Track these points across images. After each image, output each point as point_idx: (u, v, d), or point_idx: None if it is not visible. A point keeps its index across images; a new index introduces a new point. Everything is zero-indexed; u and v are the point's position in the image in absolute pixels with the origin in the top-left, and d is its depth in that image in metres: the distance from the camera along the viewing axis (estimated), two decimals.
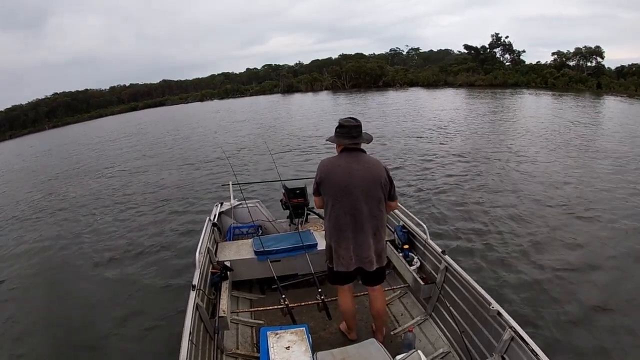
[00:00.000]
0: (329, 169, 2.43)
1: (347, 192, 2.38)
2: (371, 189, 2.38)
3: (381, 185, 2.40)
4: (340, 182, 2.38)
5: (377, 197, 2.41)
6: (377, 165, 2.43)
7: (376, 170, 2.40)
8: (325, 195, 2.47)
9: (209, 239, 3.41)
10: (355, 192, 2.37)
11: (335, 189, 2.40)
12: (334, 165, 2.43)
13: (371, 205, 2.41)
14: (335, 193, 2.41)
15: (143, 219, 7.50)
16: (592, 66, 38.73)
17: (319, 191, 2.50)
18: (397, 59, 66.99)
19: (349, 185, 2.37)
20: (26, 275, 5.71)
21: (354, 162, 2.39)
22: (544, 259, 4.77)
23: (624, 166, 8.79)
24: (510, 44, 46.76)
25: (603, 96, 27.88)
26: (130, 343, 3.74)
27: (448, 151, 11.19)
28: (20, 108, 65.09)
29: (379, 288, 2.68)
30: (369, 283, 2.64)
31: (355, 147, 2.43)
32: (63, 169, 15.13)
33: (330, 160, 2.48)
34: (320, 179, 2.46)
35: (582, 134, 12.93)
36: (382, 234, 2.50)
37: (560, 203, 6.63)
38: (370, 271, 2.50)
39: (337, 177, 2.39)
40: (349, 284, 2.66)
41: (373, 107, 25.96)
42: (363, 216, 2.40)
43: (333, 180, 2.40)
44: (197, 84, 73.92)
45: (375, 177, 2.38)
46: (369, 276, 2.58)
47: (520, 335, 2.02)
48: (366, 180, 2.37)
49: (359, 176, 2.37)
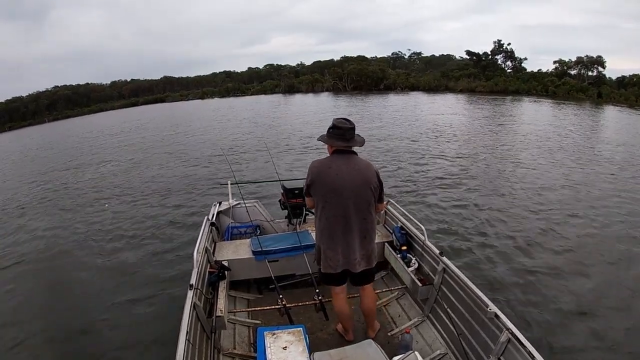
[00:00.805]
0: (319, 170, 2.44)
1: (337, 194, 2.38)
2: (361, 191, 2.40)
3: (371, 188, 2.41)
4: (330, 184, 2.39)
5: (366, 200, 2.42)
6: (368, 168, 2.44)
7: (367, 173, 2.41)
8: (315, 196, 2.48)
9: (207, 239, 3.40)
10: (345, 194, 2.38)
11: (325, 190, 2.41)
12: (324, 167, 2.43)
13: (361, 207, 2.42)
14: (325, 195, 2.42)
15: (140, 218, 7.47)
16: (593, 75, 38.82)
17: (310, 192, 2.51)
18: (399, 63, 67.04)
19: (339, 187, 2.37)
20: (21, 271, 5.69)
21: (344, 165, 2.40)
22: (543, 261, 4.84)
23: (618, 174, 8.88)
24: (512, 51, 46.87)
25: (603, 106, 27.97)
26: (126, 342, 3.73)
27: (447, 154, 11.23)
28: (21, 100, 64.83)
29: (369, 287, 2.71)
30: (357, 284, 2.66)
31: (347, 150, 2.44)
32: (59, 163, 15.12)
33: (321, 161, 2.48)
34: (311, 180, 2.47)
35: (581, 142, 12.98)
36: (372, 236, 2.52)
37: (557, 208, 6.71)
38: (356, 272, 2.52)
39: (328, 178, 2.39)
40: (342, 285, 2.67)
41: (373, 109, 25.98)
42: (352, 219, 2.42)
43: (323, 182, 2.41)
44: (198, 81, 73.72)
45: (365, 180, 2.40)
46: (356, 277, 2.60)
47: (518, 338, 2.03)
48: (356, 183, 2.38)
49: (350, 179, 2.37)
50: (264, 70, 74.24)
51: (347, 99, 36.86)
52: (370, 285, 2.72)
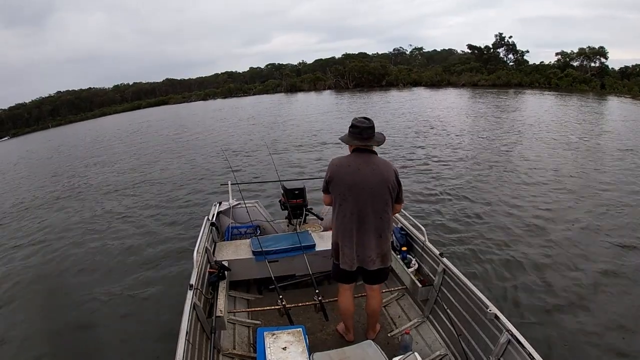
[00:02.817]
0: (338, 168, 2.46)
1: (354, 192, 2.40)
2: (378, 190, 2.39)
3: (389, 187, 2.40)
4: (347, 182, 2.41)
5: (383, 199, 2.42)
6: (386, 167, 2.43)
7: (384, 172, 2.40)
8: (333, 193, 2.51)
9: (207, 239, 3.41)
10: (362, 193, 2.39)
11: (342, 188, 2.43)
12: (342, 165, 2.45)
13: (377, 207, 2.42)
14: (342, 193, 2.44)
15: (140, 217, 7.52)
16: (595, 67, 38.41)
17: (328, 189, 2.53)
18: (401, 59, 66.77)
19: (356, 185, 2.39)
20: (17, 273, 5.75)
21: (362, 163, 2.41)
22: (543, 261, 4.74)
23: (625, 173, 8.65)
24: (513, 44, 46.47)
25: (607, 97, 27.70)
26: (126, 341, 3.75)
27: (448, 152, 11.14)
28: (24, 106, 65.44)
29: (377, 288, 2.70)
30: (370, 282, 2.66)
31: (365, 148, 2.45)
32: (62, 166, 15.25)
33: (340, 159, 2.51)
34: (329, 177, 2.49)
35: (586, 135, 12.83)
36: (387, 236, 2.52)
37: (561, 207, 6.56)
38: (371, 270, 2.52)
39: (345, 177, 2.42)
40: (350, 283, 2.69)
41: (374, 106, 25.89)
42: (368, 217, 2.42)
43: (341, 180, 2.43)
44: (200, 82, 73.91)
45: (383, 179, 2.39)
46: (370, 275, 2.60)
47: (517, 339, 2.01)
48: (373, 182, 2.38)
49: (367, 177, 2.38)
50: (265, 69, 74.37)
51: (348, 97, 36.78)
52: (379, 286, 2.71)
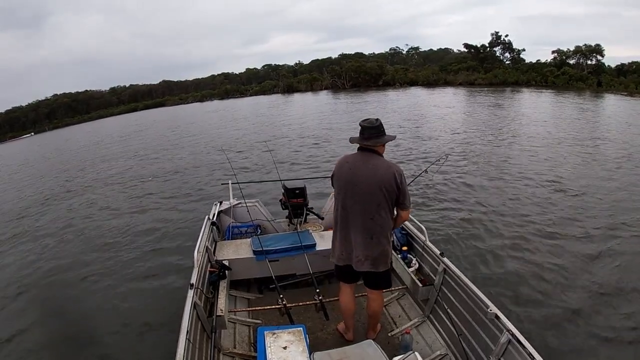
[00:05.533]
0: (340, 165, 2.55)
1: (347, 189, 2.46)
2: (369, 190, 2.39)
3: (382, 188, 2.38)
4: (343, 179, 2.49)
5: (376, 200, 2.41)
6: (385, 169, 2.40)
7: (382, 174, 2.39)
8: (334, 189, 2.63)
9: (207, 238, 3.41)
10: (354, 190, 2.43)
11: (340, 184, 2.53)
12: (343, 162, 2.55)
13: (368, 207, 2.42)
14: (339, 188, 2.54)
15: (140, 217, 7.50)
16: (592, 64, 38.51)
17: (333, 184, 2.64)
18: (397, 58, 66.82)
19: (350, 182, 2.45)
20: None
21: (360, 162, 2.45)
22: (543, 262, 4.73)
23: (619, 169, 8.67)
24: (510, 43, 46.56)
25: (603, 94, 27.80)
26: (126, 340, 3.75)
27: (446, 151, 11.05)
28: (21, 109, 65.17)
29: (377, 293, 2.68)
30: (369, 285, 2.65)
31: (367, 148, 2.47)
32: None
33: (345, 156, 2.59)
34: (333, 173, 2.62)
35: (583, 133, 12.87)
36: (380, 239, 2.45)
37: (561, 207, 6.52)
38: (362, 271, 2.51)
39: (343, 173, 2.51)
40: (351, 283, 2.69)
41: (370, 106, 25.91)
42: (357, 215, 2.44)
43: (339, 176, 2.53)
44: (197, 84, 73.69)
45: (378, 180, 2.38)
46: (367, 277, 2.60)
47: (518, 339, 2.02)
48: (366, 181, 2.39)
49: (361, 176, 2.41)
50: (262, 70, 74.18)
51: (345, 97, 36.76)
52: (380, 292, 2.69)
